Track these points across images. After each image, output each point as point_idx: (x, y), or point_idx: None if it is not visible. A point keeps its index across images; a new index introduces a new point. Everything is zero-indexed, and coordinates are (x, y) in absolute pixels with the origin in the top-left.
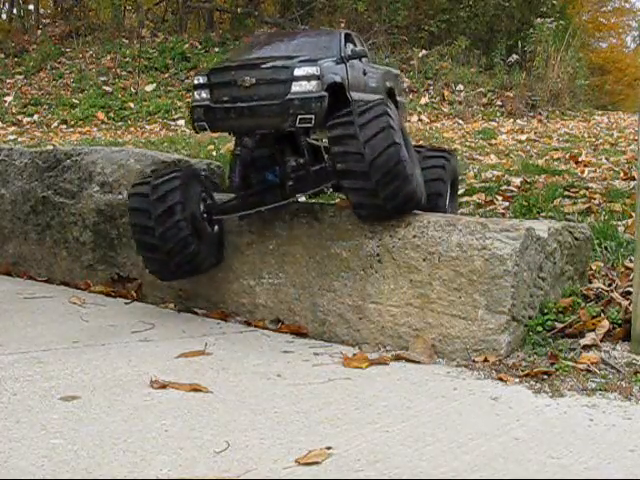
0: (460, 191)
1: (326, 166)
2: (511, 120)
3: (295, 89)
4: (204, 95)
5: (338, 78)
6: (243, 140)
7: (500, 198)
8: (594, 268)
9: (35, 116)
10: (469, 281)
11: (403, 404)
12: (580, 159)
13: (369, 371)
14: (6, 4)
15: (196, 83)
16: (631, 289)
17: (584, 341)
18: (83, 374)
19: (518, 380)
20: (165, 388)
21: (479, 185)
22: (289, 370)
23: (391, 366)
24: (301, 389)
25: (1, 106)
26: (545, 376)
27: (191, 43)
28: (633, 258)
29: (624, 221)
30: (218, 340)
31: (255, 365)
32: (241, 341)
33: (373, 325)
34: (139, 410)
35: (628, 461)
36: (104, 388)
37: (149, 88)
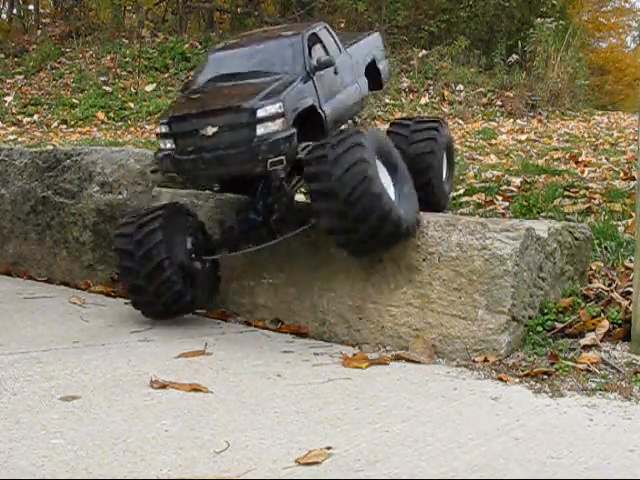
0: (460, 191)
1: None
2: (511, 120)
3: (260, 132)
4: (169, 145)
5: (306, 102)
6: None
7: (500, 198)
8: (594, 268)
9: (35, 116)
10: (469, 281)
11: (403, 404)
12: (580, 159)
13: (369, 371)
14: (6, 4)
15: (159, 132)
16: (631, 289)
17: (584, 341)
18: (83, 374)
19: (518, 380)
20: (165, 388)
21: (479, 185)
22: (289, 370)
23: (391, 366)
24: (301, 389)
25: (1, 106)
26: (545, 376)
27: (191, 43)
28: (633, 258)
29: (624, 221)
30: (218, 340)
31: (255, 365)
32: (241, 341)
33: (373, 325)
34: (139, 410)
35: (628, 461)
36: (104, 388)
37: (149, 88)
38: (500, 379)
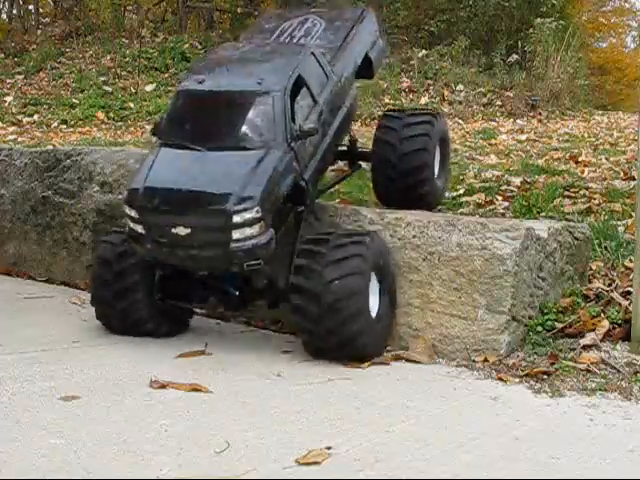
0: (460, 191)
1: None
2: (511, 120)
3: (236, 236)
4: (140, 230)
5: (286, 185)
6: None
7: (500, 198)
8: (594, 268)
9: (35, 116)
10: (469, 281)
11: (403, 404)
12: (580, 159)
13: (369, 371)
14: (6, 4)
15: (128, 214)
16: (631, 289)
17: (584, 341)
18: (83, 374)
19: (518, 380)
20: (165, 388)
21: (479, 185)
22: (289, 370)
23: (391, 366)
24: (301, 389)
25: (1, 106)
26: (545, 376)
27: (191, 43)
28: (633, 258)
29: (624, 221)
30: (218, 340)
31: (255, 365)
32: (241, 341)
33: None
34: (139, 410)
35: (628, 461)
36: (104, 388)
37: (149, 88)
38: (500, 379)
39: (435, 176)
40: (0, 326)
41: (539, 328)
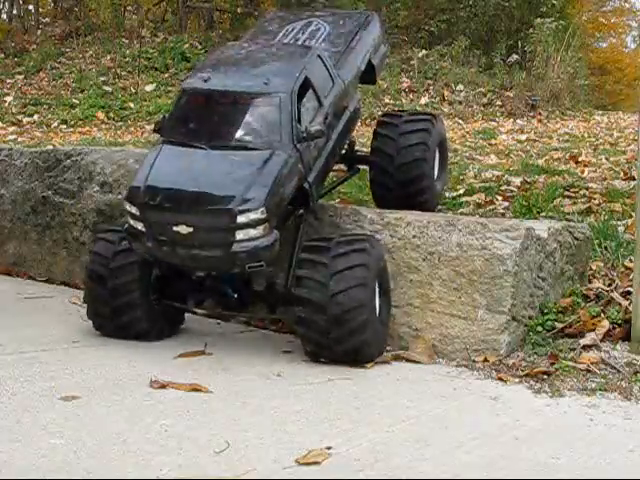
0: (460, 191)
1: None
2: (511, 120)
3: (240, 237)
4: (140, 228)
5: (290, 188)
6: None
7: (500, 198)
8: (594, 268)
9: (35, 116)
10: (469, 281)
11: (403, 404)
12: (580, 159)
13: (369, 371)
14: (6, 4)
15: (128, 210)
16: (631, 289)
17: (584, 341)
18: (83, 374)
19: (518, 380)
20: (165, 388)
21: (479, 185)
22: (289, 370)
23: (391, 366)
24: (301, 389)
25: (1, 106)
26: (545, 376)
27: (191, 43)
28: (633, 258)
29: (624, 221)
30: (218, 340)
31: (255, 365)
32: (241, 341)
33: None
34: (139, 410)
35: (628, 461)
36: (104, 388)
37: (149, 88)
38: (500, 379)
39: (435, 180)
40: (0, 326)
41: (539, 328)
